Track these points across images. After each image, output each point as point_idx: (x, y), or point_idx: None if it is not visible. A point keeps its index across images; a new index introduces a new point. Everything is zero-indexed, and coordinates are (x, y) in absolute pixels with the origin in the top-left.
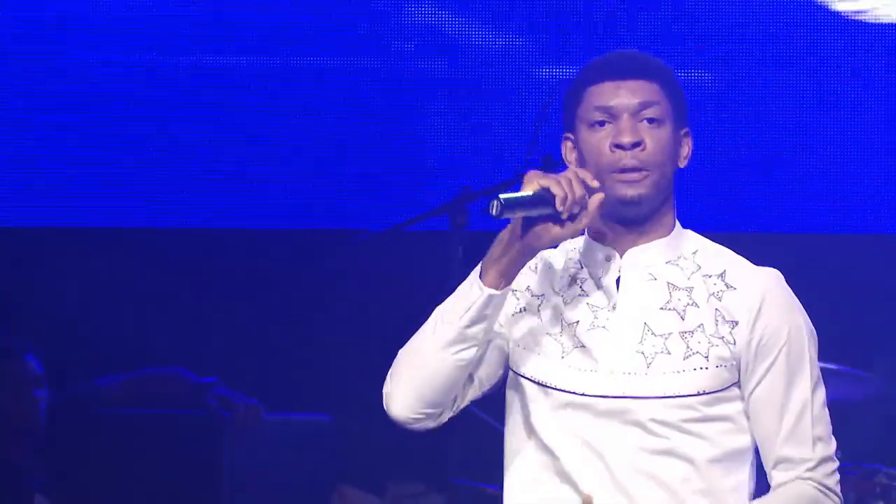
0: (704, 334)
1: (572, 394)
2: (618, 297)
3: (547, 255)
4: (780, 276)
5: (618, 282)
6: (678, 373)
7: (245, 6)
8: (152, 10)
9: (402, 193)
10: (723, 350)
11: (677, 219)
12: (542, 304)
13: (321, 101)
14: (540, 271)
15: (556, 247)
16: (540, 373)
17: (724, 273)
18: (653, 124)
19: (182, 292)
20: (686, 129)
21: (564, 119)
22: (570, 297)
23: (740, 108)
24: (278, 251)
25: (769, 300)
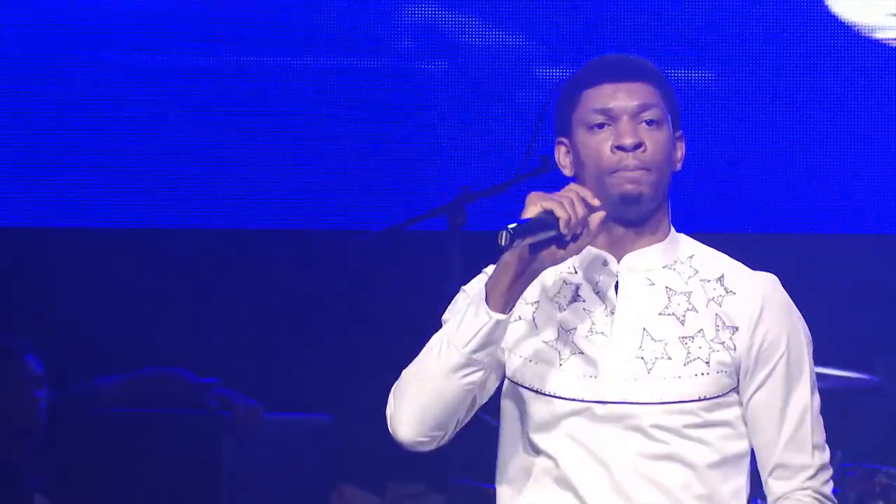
0: (705, 339)
1: (572, 400)
2: (616, 302)
3: None
4: (777, 281)
5: (616, 286)
6: (679, 378)
7: (246, 6)
8: (153, 10)
9: (402, 193)
10: (723, 355)
11: (671, 223)
12: (537, 312)
13: (321, 102)
14: None
15: None
16: (538, 381)
17: (721, 277)
18: (651, 126)
19: (182, 292)
20: (680, 132)
21: (558, 123)
22: (565, 303)
23: (740, 108)
24: (278, 251)
25: (769, 305)
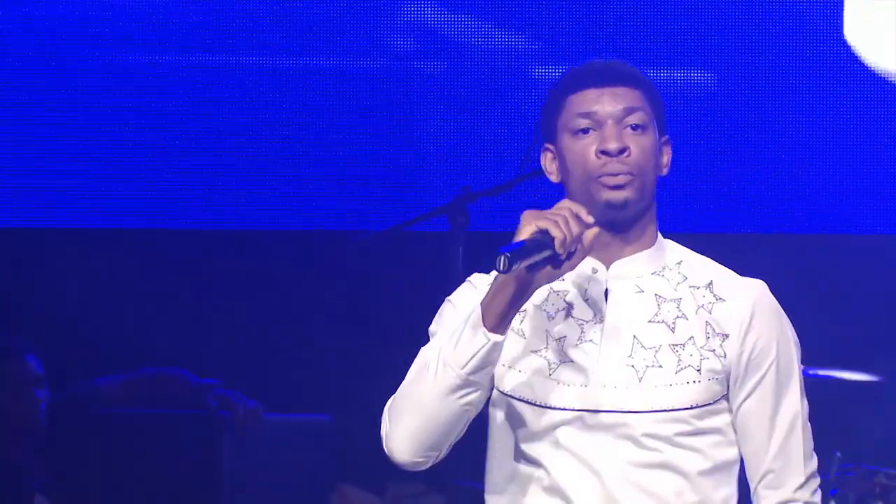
0: (696, 347)
1: (563, 410)
2: (606, 310)
3: None
4: (766, 287)
5: (605, 294)
6: (670, 386)
7: (245, 7)
8: (152, 10)
9: (402, 194)
10: (714, 363)
11: (659, 229)
12: (524, 321)
13: (321, 102)
14: None
15: None
16: (528, 391)
17: (710, 284)
18: (637, 131)
19: (182, 292)
20: (666, 137)
21: (543, 129)
22: (553, 311)
23: (740, 108)
24: (278, 251)
25: (759, 312)
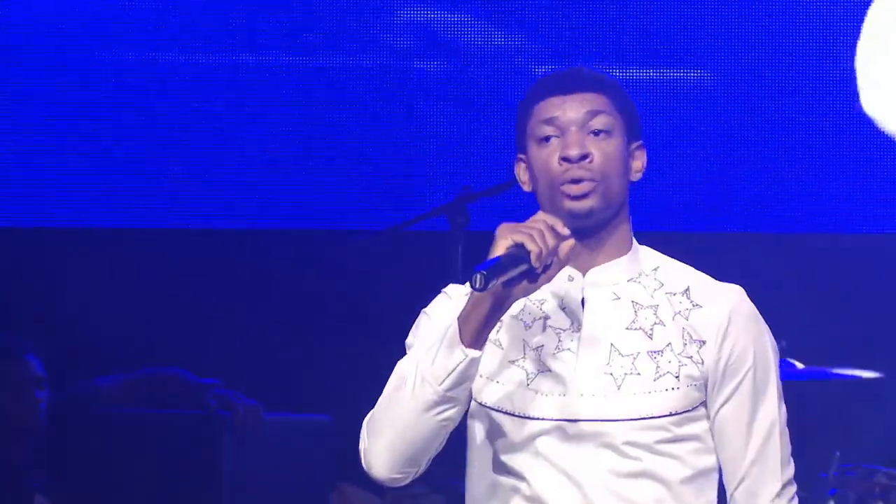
0: (673, 353)
1: (542, 420)
2: (583, 317)
3: None
4: (743, 292)
5: (582, 302)
6: (649, 393)
7: (245, 6)
8: (152, 9)
9: (403, 193)
10: (692, 369)
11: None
12: (501, 331)
13: (321, 102)
14: None
15: None
16: (506, 402)
17: (687, 290)
18: (600, 136)
19: (182, 292)
20: (639, 143)
21: (517, 140)
22: (530, 320)
23: (740, 108)
24: (278, 251)
25: (736, 318)
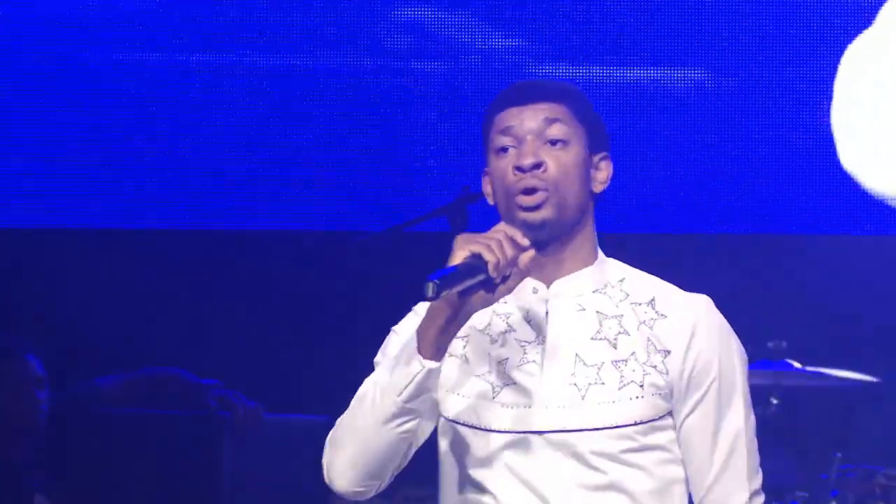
0: (638, 363)
1: (507, 433)
2: (547, 329)
3: None
4: (710, 302)
5: (546, 314)
6: (613, 403)
7: (245, 6)
8: (152, 9)
9: (402, 194)
10: (657, 378)
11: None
12: (467, 345)
13: (321, 102)
14: None
15: None
16: (472, 416)
17: (653, 301)
18: (556, 146)
19: (182, 292)
20: (604, 154)
21: (484, 153)
22: (496, 334)
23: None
24: (278, 251)
25: (700, 329)
